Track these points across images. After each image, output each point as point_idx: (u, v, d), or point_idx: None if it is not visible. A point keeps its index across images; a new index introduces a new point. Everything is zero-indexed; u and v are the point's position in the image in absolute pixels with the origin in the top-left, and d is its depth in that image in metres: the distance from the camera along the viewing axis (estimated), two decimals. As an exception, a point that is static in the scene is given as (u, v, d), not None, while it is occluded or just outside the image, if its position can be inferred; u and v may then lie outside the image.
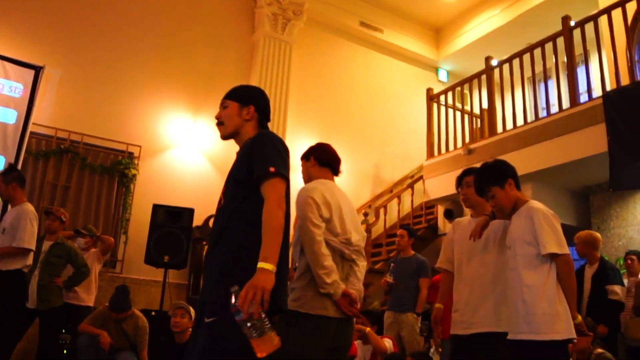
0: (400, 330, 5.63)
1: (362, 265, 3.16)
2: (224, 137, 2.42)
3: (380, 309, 6.49)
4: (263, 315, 1.85)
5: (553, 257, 2.77)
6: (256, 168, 2.14)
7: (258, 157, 2.16)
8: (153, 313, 6.32)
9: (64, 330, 6.06)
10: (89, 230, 6.42)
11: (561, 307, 2.72)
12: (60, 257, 5.60)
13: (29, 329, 5.54)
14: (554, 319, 2.69)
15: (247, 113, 2.38)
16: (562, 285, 2.77)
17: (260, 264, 1.92)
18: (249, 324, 1.83)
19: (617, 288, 5.05)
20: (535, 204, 2.93)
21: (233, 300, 1.86)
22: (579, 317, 2.79)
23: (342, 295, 2.83)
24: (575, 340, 2.74)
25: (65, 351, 6.07)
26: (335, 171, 3.28)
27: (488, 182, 3.05)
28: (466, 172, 3.50)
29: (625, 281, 5.70)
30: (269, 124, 2.49)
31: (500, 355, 2.91)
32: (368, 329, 4.98)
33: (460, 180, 3.53)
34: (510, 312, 2.89)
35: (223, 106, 2.41)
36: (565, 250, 2.77)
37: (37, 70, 6.80)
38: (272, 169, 2.11)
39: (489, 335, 3.01)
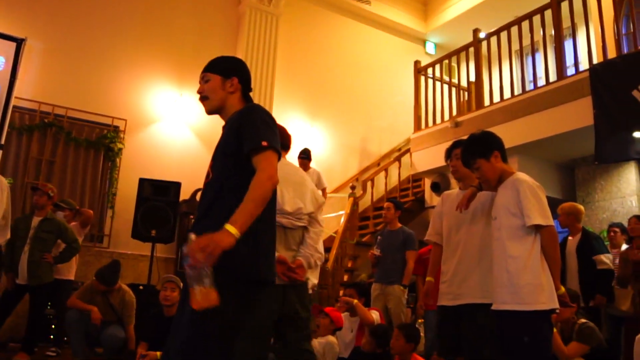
0: (387, 302, 5.69)
1: (313, 231, 3.37)
2: (210, 111, 2.37)
3: (367, 281, 6.55)
4: (208, 270, 1.87)
5: (538, 228, 2.79)
6: (247, 142, 2.12)
7: (248, 131, 2.14)
8: (141, 287, 6.33)
9: (49, 305, 6.08)
10: (68, 204, 6.37)
11: (545, 278, 2.75)
12: (50, 233, 5.58)
13: (18, 305, 5.55)
14: (538, 289, 2.72)
15: (231, 85, 2.33)
16: (546, 256, 2.79)
17: (227, 225, 1.92)
18: (192, 272, 1.86)
19: (604, 257, 5.11)
20: (522, 175, 2.95)
21: (186, 245, 1.90)
22: (562, 288, 2.83)
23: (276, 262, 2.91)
24: (558, 311, 2.78)
25: (53, 326, 6.10)
26: (283, 147, 3.34)
27: (474, 153, 3.07)
28: (455, 144, 3.50)
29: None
30: (256, 97, 2.47)
31: (488, 326, 2.95)
32: (355, 301, 5.03)
33: (449, 152, 3.54)
34: (494, 282, 2.91)
35: (204, 80, 2.35)
36: (550, 222, 2.80)
37: (19, 42, 6.66)
38: (264, 143, 2.09)
39: (476, 306, 3.04)
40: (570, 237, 5.40)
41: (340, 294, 7.13)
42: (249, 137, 2.12)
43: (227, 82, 2.33)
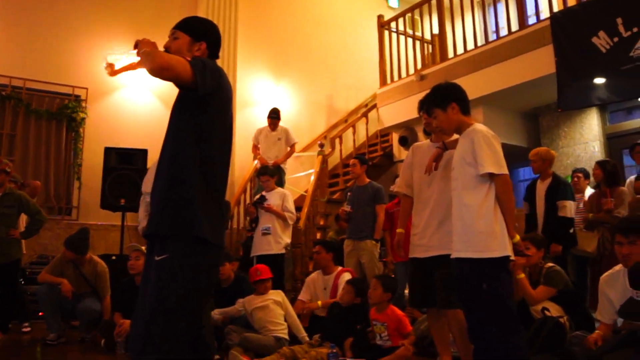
0: (360, 257, 5.76)
1: None
2: None
3: (337, 238, 6.61)
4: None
5: (492, 177, 2.83)
6: None
7: None
8: (114, 257, 6.31)
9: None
10: (12, 177, 6.23)
11: (498, 226, 2.79)
12: (12, 207, 5.48)
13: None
14: (490, 237, 2.76)
15: (198, 49, 2.31)
16: (500, 204, 2.83)
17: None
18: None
19: (567, 203, 5.20)
20: (478, 126, 2.97)
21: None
22: (517, 237, 2.87)
23: None
24: (512, 258, 2.83)
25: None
26: None
27: (431, 103, 3.14)
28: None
29: (572, 197, 5.93)
30: (219, 59, 2.44)
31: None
32: (318, 303, 5.03)
33: (422, 105, 3.56)
34: (452, 231, 2.98)
35: (174, 36, 2.34)
36: (503, 170, 2.82)
37: (-33, 13, 6.40)
38: (188, 58, 2.13)
39: (447, 257, 3.10)
40: (539, 182, 5.45)
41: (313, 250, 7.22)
42: None
43: (195, 44, 2.32)
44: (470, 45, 7.29)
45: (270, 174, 6.11)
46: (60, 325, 5.22)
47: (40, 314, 5.62)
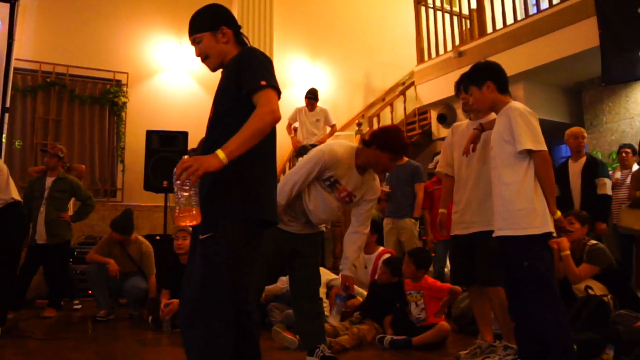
0: (399, 236, 5.76)
1: None
2: (214, 69, 2.38)
3: (379, 217, 6.61)
4: (193, 190, 1.97)
5: (530, 153, 2.81)
6: (246, 82, 2.14)
7: (246, 73, 2.16)
8: (158, 237, 6.45)
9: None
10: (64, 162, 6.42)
11: (538, 203, 2.78)
12: (64, 192, 5.70)
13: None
14: (531, 214, 2.75)
15: (223, 35, 2.31)
16: (540, 181, 2.81)
17: (217, 150, 1.97)
18: (177, 191, 1.96)
19: (606, 181, 5.13)
20: (514, 104, 2.96)
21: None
22: (558, 213, 2.85)
23: None
24: (554, 235, 2.82)
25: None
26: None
27: (468, 80, 3.15)
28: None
29: (618, 174, 5.81)
30: (255, 40, 2.46)
31: (497, 251, 3.02)
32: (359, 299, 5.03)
33: (459, 85, 3.54)
34: (493, 209, 2.98)
35: (196, 42, 2.33)
36: (542, 146, 2.80)
37: (12, 2, 6.52)
38: (263, 82, 2.11)
39: (488, 233, 3.10)
40: (571, 161, 5.39)
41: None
42: (247, 78, 2.14)
43: (217, 34, 2.30)
44: (510, 20, 7.14)
45: (309, 154, 6.13)
46: (109, 303, 5.42)
47: (89, 292, 5.82)
